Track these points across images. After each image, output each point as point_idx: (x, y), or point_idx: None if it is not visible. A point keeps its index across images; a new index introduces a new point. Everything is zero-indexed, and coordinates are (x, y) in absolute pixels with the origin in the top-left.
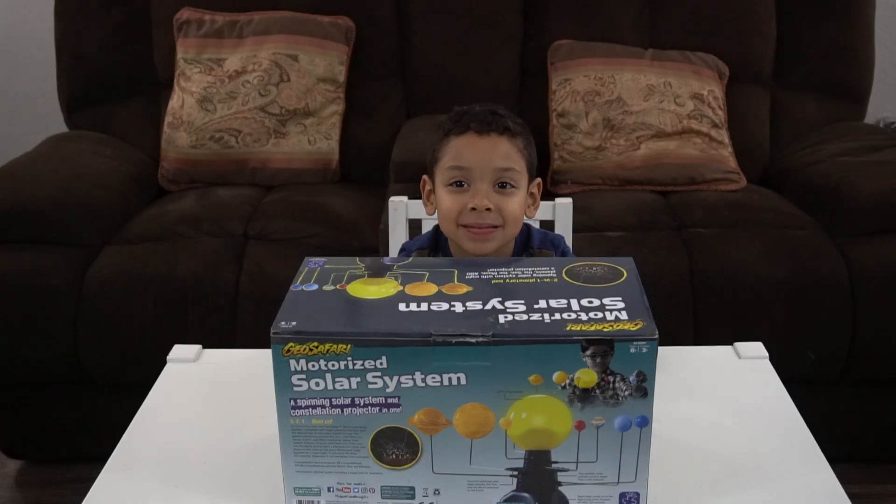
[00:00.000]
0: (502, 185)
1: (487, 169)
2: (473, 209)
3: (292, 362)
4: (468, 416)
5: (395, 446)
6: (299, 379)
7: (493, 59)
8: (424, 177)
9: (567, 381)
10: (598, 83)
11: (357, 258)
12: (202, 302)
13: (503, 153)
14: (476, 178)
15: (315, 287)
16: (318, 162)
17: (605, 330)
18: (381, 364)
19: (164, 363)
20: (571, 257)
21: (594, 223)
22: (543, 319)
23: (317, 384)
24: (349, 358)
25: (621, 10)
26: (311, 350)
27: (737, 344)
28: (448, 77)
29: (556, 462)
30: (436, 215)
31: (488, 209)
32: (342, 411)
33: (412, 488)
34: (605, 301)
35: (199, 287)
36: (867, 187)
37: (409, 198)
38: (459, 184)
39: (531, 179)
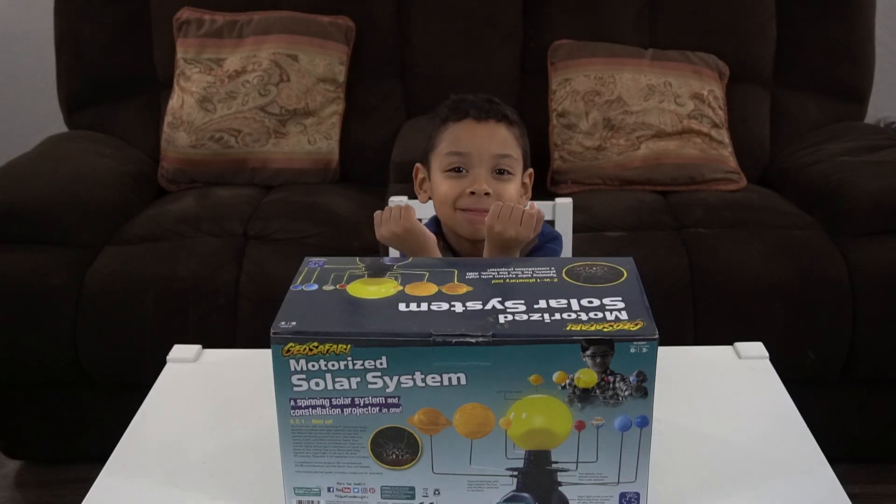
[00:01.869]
0: (499, 172)
1: (486, 155)
2: (472, 193)
3: (292, 362)
4: (468, 416)
5: (395, 446)
6: (299, 379)
7: (493, 59)
8: (418, 165)
9: (567, 381)
10: (598, 83)
11: (357, 258)
12: (202, 302)
13: (501, 139)
14: (474, 164)
15: (315, 287)
16: (318, 162)
17: (605, 330)
18: (381, 364)
19: (164, 363)
20: (572, 257)
21: (594, 223)
22: (543, 319)
23: (317, 384)
24: (349, 358)
25: (621, 10)
26: (311, 350)
27: (737, 344)
28: (448, 77)
29: (556, 462)
30: (429, 204)
31: (487, 193)
32: (342, 411)
33: (412, 488)
34: (605, 301)
35: (199, 287)
36: (867, 187)
37: (409, 198)
38: (458, 169)
39: (525, 169)
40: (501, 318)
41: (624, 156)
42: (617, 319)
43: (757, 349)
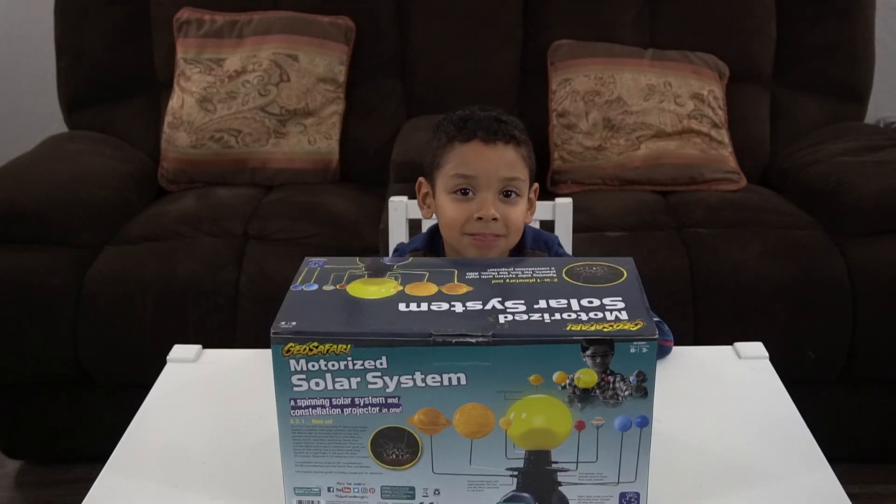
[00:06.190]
0: (506, 194)
1: (494, 178)
2: (479, 218)
3: (292, 362)
4: (468, 416)
5: (395, 446)
6: (299, 379)
7: (493, 59)
8: (421, 179)
9: (567, 381)
10: (598, 83)
11: (357, 258)
12: (202, 302)
13: (509, 162)
14: (482, 187)
15: (315, 287)
16: (318, 162)
17: (605, 330)
18: (381, 364)
19: (164, 363)
20: (572, 257)
21: (594, 223)
22: (543, 319)
23: (317, 384)
24: (349, 358)
25: (621, 10)
26: (311, 350)
27: (737, 344)
28: (448, 77)
29: (556, 462)
30: (433, 217)
31: (494, 219)
32: (342, 411)
33: (412, 488)
34: (605, 301)
35: (199, 287)
36: (867, 187)
37: (409, 198)
38: (464, 192)
39: (531, 185)
40: (501, 318)
41: (624, 156)
42: (617, 319)
43: (757, 349)
